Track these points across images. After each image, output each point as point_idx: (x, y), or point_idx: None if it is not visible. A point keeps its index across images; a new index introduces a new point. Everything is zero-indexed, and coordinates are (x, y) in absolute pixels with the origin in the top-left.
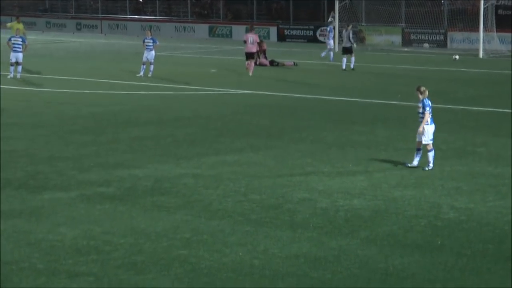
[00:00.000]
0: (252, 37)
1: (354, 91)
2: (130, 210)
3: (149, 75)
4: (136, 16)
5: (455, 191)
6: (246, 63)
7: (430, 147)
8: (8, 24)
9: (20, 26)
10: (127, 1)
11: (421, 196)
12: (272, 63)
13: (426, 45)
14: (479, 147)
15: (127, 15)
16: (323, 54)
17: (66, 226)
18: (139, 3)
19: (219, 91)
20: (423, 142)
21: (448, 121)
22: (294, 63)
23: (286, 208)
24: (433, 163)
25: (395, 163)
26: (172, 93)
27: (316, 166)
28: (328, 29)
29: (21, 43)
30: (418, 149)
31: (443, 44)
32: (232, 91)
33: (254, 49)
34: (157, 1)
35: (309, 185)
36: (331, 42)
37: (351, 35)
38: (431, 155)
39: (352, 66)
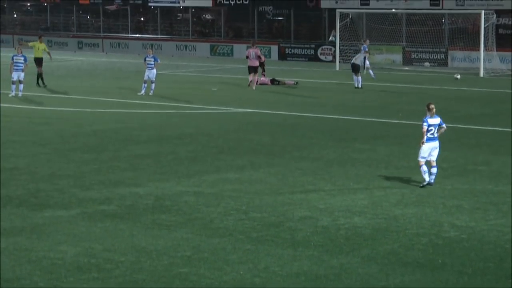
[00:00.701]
0: (253, 52)
1: (355, 109)
2: (131, 228)
3: (150, 93)
4: (138, 35)
5: (456, 209)
6: (249, 77)
7: (421, 163)
8: (30, 43)
9: (42, 45)
10: (129, 20)
11: (422, 214)
12: (273, 81)
13: (427, 63)
14: (480, 165)
15: (128, 33)
16: (373, 75)
17: (67, 244)
18: (141, 22)
19: (220, 109)
20: (419, 158)
21: (449, 140)
22: (295, 82)
23: (287, 226)
24: (428, 180)
25: (396, 181)
26: (173, 111)
27: (317, 184)
28: (362, 48)
29: (22, 61)
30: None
31: (444, 63)
32: (233, 109)
33: (256, 63)
34: (158, 20)
35: (310, 203)
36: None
37: (368, 63)
38: (422, 170)
39: (359, 85)
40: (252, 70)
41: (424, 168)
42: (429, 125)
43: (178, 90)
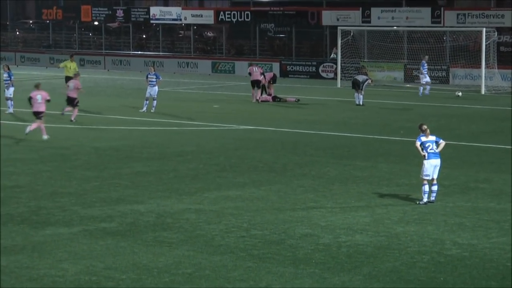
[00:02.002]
0: (255, 68)
1: (357, 127)
2: (132, 246)
3: (152, 110)
4: (140, 52)
5: (458, 227)
6: (252, 92)
7: (424, 181)
8: (61, 65)
9: (73, 64)
10: (131, 37)
11: (424, 232)
12: (274, 99)
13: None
14: (482, 183)
15: (130, 51)
16: (427, 91)
17: (68, 261)
18: (143, 39)
19: (222, 126)
20: (422, 176)
21: (450, 157)
22: (296, 99)
23: (288, 244)
24: (428, 198)
25: (398, 199)
26: (175, 128)
27: (318, 202)
28: (424, 65)
29: (7, 78)
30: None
31: (445, 80)
32: (235, 126)
33: (258, 76)
34: (160, 37)
35: (312, 221)
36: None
37: (366, 84)
38: (423, 189)
39: (359, 102)
40: (255, 84)
41: (426, 188)
42: (425, 142)
43: (179, 107)
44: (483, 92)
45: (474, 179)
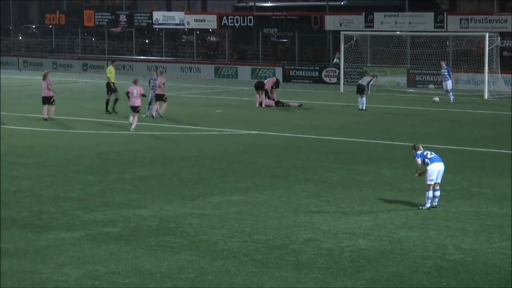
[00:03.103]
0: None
1: (360, 132)
2: (135, 250)
3: (154, 115)
4: (142, 57)
5: (461, 232)
6: (257, 96)
7: (429, 186)
8: (108, 74)
9: (111, 69)
10: (134, 42)
11: (427, 237)
12: (277, 103)
13: (431, 86)
14: (485, 188)
15: (133, 55)
16: (452, 99)
17: (71, 266)
18: (146, 44)
19: (225, 131)
20: (427, 182)
21: (453, 162)
22: (299, 104)
23: (291, 249)
24: (431, 204)
25: (401, 204)
26: (177, 133)
27: (321, 206)
28: (446, 71)
29: None
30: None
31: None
32: (238, 131)
33: (264, 82)
34: (163, 42)
35: (314, 226)
36: (448, 83)
37: (371, 84)
38: (427, 195)
39: (362, 107)
40: (259, 87)
41: (430, 194)
42: (422, 153)
43: (182, 112)
44: (486, 97)
45: (476, 184)
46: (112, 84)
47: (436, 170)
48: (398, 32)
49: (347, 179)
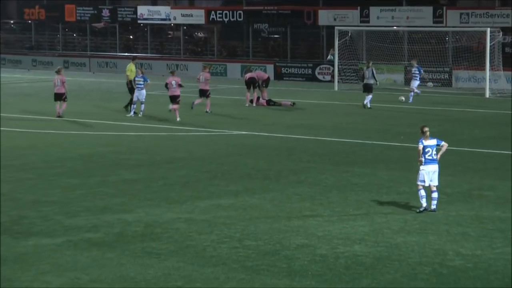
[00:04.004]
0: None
1: (355, 132)
2: (119, 257)
3: (140, 115)
4: (127, 54)
5: (461, 236)
6: (247, 95)
7: (419, 187)
8: (128, 72)
9: (132, 67)
10: (117, 38)
11: (426, 242)
12: (268, 102)
13: (430, 84)
14: (486, 190)
15: (117, 52)
16: (411, 99)
17: (51, 274)
18: (130, 40)
19: (214, 131)
20: (417, 182)
21: (453, 164)
22: (291, 103)
23: (283, 255)
24: (426, 206)
25: (398, 207)
26: (164, 134)
27: (315, 210)
28: (417, 69)
29: None
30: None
31: (447, 83)
32: (227, 131)
33: (254, 75)
34: (148, 38)
35: (308, 231)
36: (414, 82)
37: (374, 72)
38: (419, 194)
39: (369, 105)
40: (251, 83)
41: (422, 193)
42: (425, 146)
43: (169, 112)
44: (487, 96)
45: (478, 187)
46: (129, 83)
47: (429, 172)
48: (395, 28)
49: (342, 181)
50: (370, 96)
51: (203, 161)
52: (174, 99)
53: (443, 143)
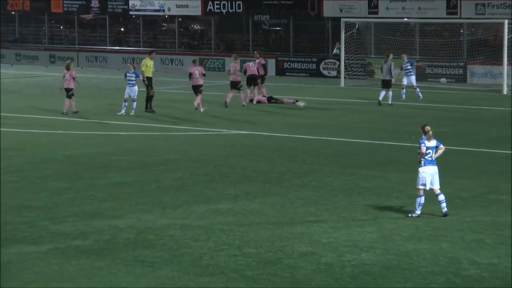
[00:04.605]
0: (252, 62)
1: (363, 132)
2: (109, 266)
3: (132, 113)
4: (117, 47)
5: (477, 244)
6: (247, 91)
7: (420, 192)
8: (143, 67)
9: (151, 62)
10: (107, 31)
11: (438, 250)
12: (270, 100)
13: (443, 80)
14: (503, 194)
15: (107, 46)
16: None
17: (37, 284)
18: (121, 33)
19: (211, 131)
20: (418, 186)
21: (468, 166)
22: (294, 101)
23: (286, 264)
24: (421, 211)
25: (409, 212)
26: (157, 133)
27: (320, 216)
28: (409, 64)
29: None
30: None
31: (462, 79)
32: (225, 131)
33: (255, 71)
34: (140, 31)
35: (312, 237)
36: (413, 79)
37: (392, 67)
38: (418, 201)
39: (390, 101)
40: (251, 81)
41: (422, 200)
42: (427, 148)
43: (163, 109)
44: (505, 92)
45: (494, 191)
46: (145, 80)
47: (429, 174)
48: (405, 19)
49: (349, 185)
50: (390, 93)
51: (200, 163)
52: (197, 88)
53: (441, 145)
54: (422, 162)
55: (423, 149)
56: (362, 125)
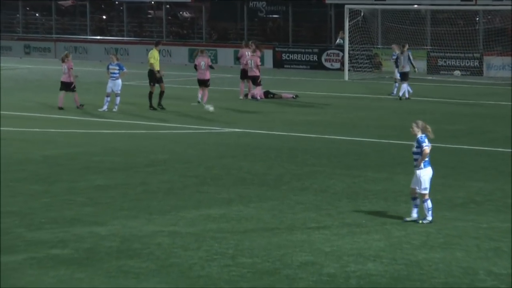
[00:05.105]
0: (248, 52)
1: (369, 130)
2: (90, 277)
3: (115, 109)
4: (99, 37)
5: (494, 253)
6: (241, 86)
7: (426, 196)
8: (151, 59)
9: (156, 54)
10: (88, 18)
11: (452, 259)
12: (267, 95)
13: (457, 72)
14: None
15: (87, 35)
16: (394, 92)
17: None
18: (103, 21)
19: (202, 129)
20: (417, 191)
21: (483, 167)
22: (294, 96)
23: (284, 275)
24: (432, 216)
25: (420, 218)
26: (143, 131)
27: (321, 222)
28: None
29: None
30: (414, 198)
31: (478, 71)
32: (218, 129)
33: (256, 73)
34: (124, 18)
35: (313, 246)
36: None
37: (411, 57)
38: (426, 206)
39: (407, 95)
40: (246, 75)
41: (429, 204)
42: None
43: (149, 105)
44: None
45: None
46: (157, 73)
47: (429, 176)
48: (416, 6)
49: (354, 188)
50: (405, 85)
51: (190, 164)
52: (203, 83)
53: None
54: (422, 163)
55: (428, 150)
56: (368, 122)
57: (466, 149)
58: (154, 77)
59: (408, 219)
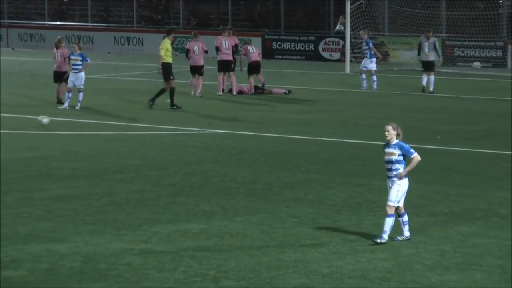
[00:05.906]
0: (226, 41)
1: (374, 131)
2: None
3: (77, 107)
4: (59, 23)
5: None
6: (219, 78)
7: (402, 210)
8: (162, 51)
9: (168, 44)
10: (46, 2)
11: (471, 282)
12: (255, 90)
13: (476, 64)
14: None
15: (45, 20)
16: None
17: None
18: (63, 4)
19: (179, 130)
20: (390, 204)
21: (507, 174)
22: (286, 91)
23: None
24: (410, 231)
25: (432, 233)
26: (110, 133)
27: (318, 238)
28: (365, 44)
29: None
30: (401, 215)
31: (500, 62)
32: (197, 130)
33: (230, 56)
34: (88, 1)
35: (309, 266)
36: (368, 62)
37: (437, 45)
38: (392, 222)
39: (431, 88)
40: (224, 67)
41: (406, 218)
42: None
43: (117, 102)
44: None
45: None
46: (167, 66)
47: (406, 187)
48: None
49: (356, 198)
50: (432, 77)
51: (165, 171)
52: (196, 70)
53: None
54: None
55: (417, 158)
56: (372, 122)
57: (486, 153)
58: (167, 71)
59: (399, 238)
